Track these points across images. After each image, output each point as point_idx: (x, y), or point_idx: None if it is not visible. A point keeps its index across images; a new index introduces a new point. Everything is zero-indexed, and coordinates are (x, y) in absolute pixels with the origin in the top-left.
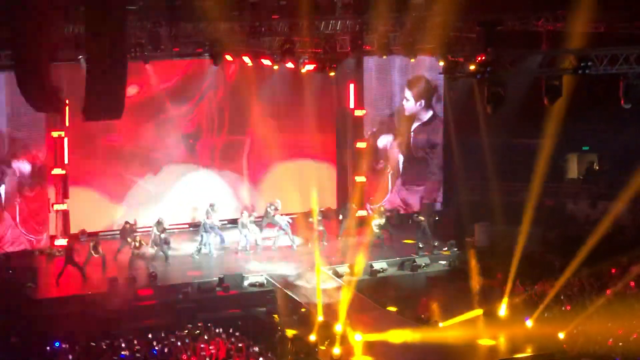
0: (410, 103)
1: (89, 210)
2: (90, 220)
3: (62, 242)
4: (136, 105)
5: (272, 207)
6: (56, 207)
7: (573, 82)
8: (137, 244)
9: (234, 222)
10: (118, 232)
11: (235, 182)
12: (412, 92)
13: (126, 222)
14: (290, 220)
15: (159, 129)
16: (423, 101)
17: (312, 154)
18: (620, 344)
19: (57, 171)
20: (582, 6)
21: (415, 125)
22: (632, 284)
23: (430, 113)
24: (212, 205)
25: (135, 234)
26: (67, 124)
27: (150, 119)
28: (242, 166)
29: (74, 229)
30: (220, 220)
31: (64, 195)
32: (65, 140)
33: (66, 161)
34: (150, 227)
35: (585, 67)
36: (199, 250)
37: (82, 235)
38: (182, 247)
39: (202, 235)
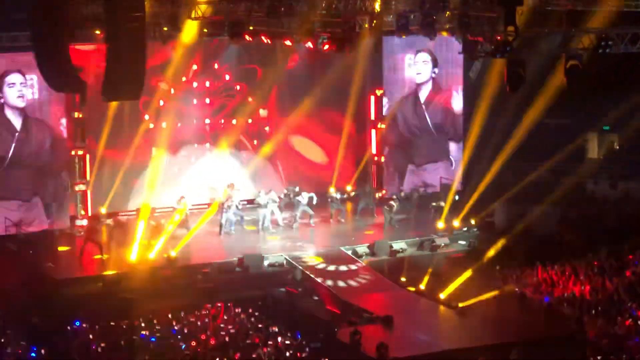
0: (427, 67)
1: (107, 190)
2: (109, 201)
3: (82, 222)
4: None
5: (292, 191)
6: (76, 187)
7: (593, 61)
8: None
9: (252, 202)
10: (135, 211)
11: (253, 162)
12: (431, 56)
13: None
14: (315, 198)
15: (176, 109)
16: (436, 69)
17: (332, 134)
18: (639, 322)
19: (76, 152)
20: None
21: (423, 96)
22: None
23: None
24: (230, 185)
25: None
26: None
27: (167, 100)
28: (260, 146)
29: (93, 209)
30: (241, 201)
31: (83, 176)
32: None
33: (85, 142)
34: (171, 207)
35: (606, 47)
36: (220, 230)
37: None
38: (200, 228)
39: (221, 216)
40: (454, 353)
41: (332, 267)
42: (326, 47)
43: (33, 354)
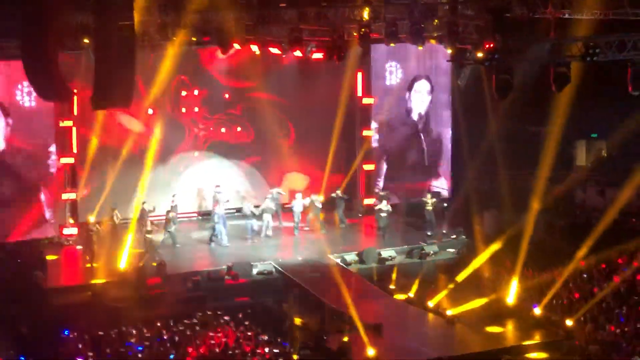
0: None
1: (96, 199)
2: (98, 210)
3: (70, 230)
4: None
5: (276, 194)
6: (64, 195)
7: (581, 69)
8: (149, 229)
9: (241, 210)
10: (128, 220)
11: (243, 171)
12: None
13: (143, 203)
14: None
15: (165, 118)
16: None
17: (320, 142)
18: (627, 329)
19: (65, 160)
20: None
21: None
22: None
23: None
24: (217, 187)
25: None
26: (75, 113)
27: (158, 108)
28: (249, 155)
29: (82, 218)
30: (227, 210)
31: (72, 185)
32: (74, 129)
33: (75, 150)
34: (162, 215)
35: (593, 54)
36: (212, 239)
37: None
38: (191, 236)
39: (214, 225)
40: None
41: (321, 275)
42: (315, 55)
43: None
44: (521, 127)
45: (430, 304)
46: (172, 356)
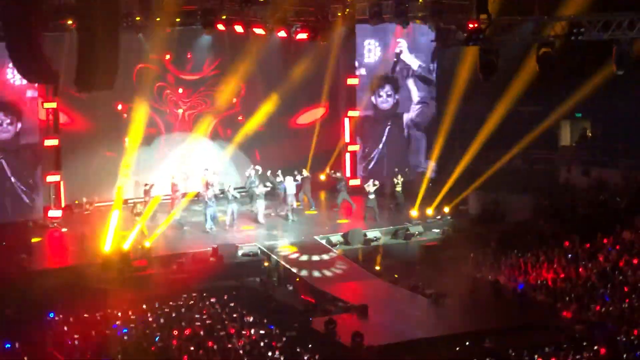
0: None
1: (81, 181)
2: (84, 192)
3: (55, 213)
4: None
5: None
6: (49, 178)
7: (566, 48)
8: (138, 210)
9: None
10: (111, 203)
11: (227, 152)
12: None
13: (145, 184)
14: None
15: (149, 100)
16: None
17: (306, 123)
18: (612, 309)
19: (49, 142)
20: None
21: (416, 99)
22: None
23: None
24: (206, 170)
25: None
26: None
27: (143, 89)
28: (234, 135)
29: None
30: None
31: (56, 167)
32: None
33: (59, 132)
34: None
35: (578, 34)
36: (210, 223)
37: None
38: (176, 218)
39: (205, 210)
40: (429, 341)
41: (306, 257)
42: (299, 35)
43: (7, 345)
44: (505, 108)
45: (416, 284)
46: (157, 338)
